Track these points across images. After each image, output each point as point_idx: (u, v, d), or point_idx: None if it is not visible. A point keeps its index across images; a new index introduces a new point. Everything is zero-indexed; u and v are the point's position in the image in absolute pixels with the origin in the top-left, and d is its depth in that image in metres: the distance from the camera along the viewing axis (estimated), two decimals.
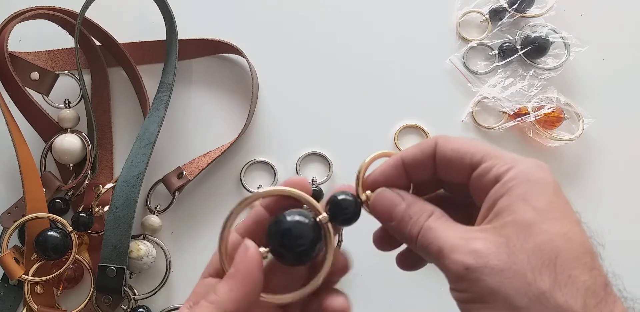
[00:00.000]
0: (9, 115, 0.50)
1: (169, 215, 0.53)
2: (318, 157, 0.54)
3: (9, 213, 0.50)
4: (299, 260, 0.28)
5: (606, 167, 0.54)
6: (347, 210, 0.28)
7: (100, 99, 0.55)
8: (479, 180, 0.27)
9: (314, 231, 0.27)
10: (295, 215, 0.27)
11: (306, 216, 0.28)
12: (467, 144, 0.27)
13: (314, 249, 0.27)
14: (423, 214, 0.27)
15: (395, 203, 0.28)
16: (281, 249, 0.27)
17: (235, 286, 0.26)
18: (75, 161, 0.52)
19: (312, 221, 0.28)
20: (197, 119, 0.55)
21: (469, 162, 0.27)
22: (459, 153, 0.27)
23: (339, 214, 0.28)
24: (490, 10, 0.58)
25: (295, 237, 0.27)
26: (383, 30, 0.58)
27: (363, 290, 0.50)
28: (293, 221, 0.27)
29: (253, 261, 0.27)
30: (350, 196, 0.28)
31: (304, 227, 0.27)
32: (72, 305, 0.50)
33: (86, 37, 0.53)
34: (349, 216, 0.28)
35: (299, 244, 0.27)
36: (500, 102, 0.55)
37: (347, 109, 0.56)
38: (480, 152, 0.27)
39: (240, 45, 0.54)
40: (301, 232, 0.27)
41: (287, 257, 0.27)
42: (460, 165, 0.27)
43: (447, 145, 0.28)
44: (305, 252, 0.27)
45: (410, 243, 0.27)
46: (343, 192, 0.28)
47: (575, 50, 0.56)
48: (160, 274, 0.51)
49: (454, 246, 0.25)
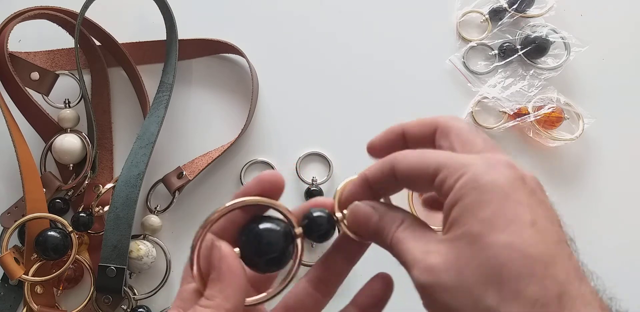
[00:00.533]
0: (9, 115, 0.50)
1: (169, 215, 0.53)
2: (318, 157, 0.54)
3: (9, 213, 0.50)
4: (269, 267, 0.28)
5: (606, 167, 0.54)
6: (322, 227, 0.28)
7: (100, 99, 0.55)
8: (439, 191, 0.26)
9: (286, 240, 0.28)
10: (267, 223, 0.28)
11: (278, 225, 0.28)
12: (421, 158, 0.27)
13: (285, 258, 0.28)
14: (394, 224, 0.27)
15: (368, 217, 0.28)
16: (252, 256, 0.27)
17: (225, 286, 0.26)
18: (75, 160, 0.52)
19: (283, 229, 0.28)
20: (197, 119, 0.55)
21: (426, 175, 0.26)
22: (414, 170, 0.27)
23: (314, 231, 0.28)
24: (490, 10, 0.58)
25: (266, 244, 0.27)
26: (383, 30, 0.58)
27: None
28: (265, 228, 0.27)
29: (232, 259, 0.27)
30: (325, 214, 0.29)
31: (275, 235, 0.27)
32: (72, 305, 0.50)
33: (86, 37, 0.53)
34: (323, 233, 0.28)
35: (270, 251, 0.27)
36: (500, 102, 0.55)
37: (347, 109, 0.56)
38: (433, 164, 0.26)
39: (240, 46, 0.54)
40: (272, 239, 0.27)
41: (259, 264, 0.28)
42: (419, 180, 0.27)
43: (403, 163, 0.27)
44: (276, 260, 0.28)
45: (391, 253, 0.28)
46: (319, 210, 0.29)
47: (575, 50, 0.56)
48: (160, 274, 0.51)
49: (414, 261, 0.25)
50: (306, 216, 0.29)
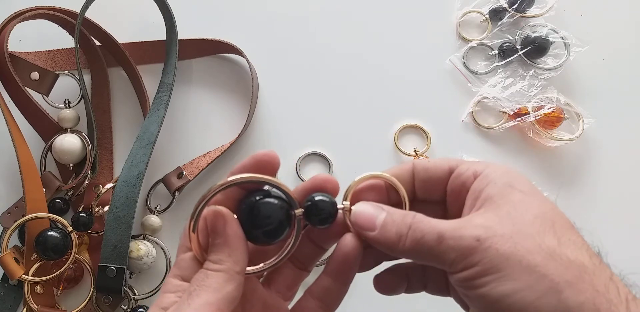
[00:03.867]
0: (9, 115, 0.50)
1: (169, 215, 0.53)
2: (318, 157, 0.54)
3: (9, 213, 0.50)
4: (267, 238, 0.29)
5: (606, 167, 0.54)
6: (323, 211, 0.29)
7: (100, 99, 0.55)
8: (457, 179, 0.29)
9: (283, 214, 0.29)
10: (266, 197, 0.29)
11: (276, 199, 0.29)
12: (440, 159, 0.31)
13: (281, 230, 0.29)
14: (408, 215, 0.28)
15: (376, 213, 0.29)
16: (250, 228, 0.28)
17: (232, 250, 0.27)
18: (75, 161, 0.52)
19: (280, 203, 0.29)
20: (197, 119, 0.55)
21: (447, 169, 0.30)
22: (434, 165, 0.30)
23: (314, 214, 0.29)
24: (490, 10, 0.58)
25: (264, 216, 0.28)
26: (383, 30, 0.58)
27: (363, 290, 0.50)
28: (263, 202, 0.29)
29: (237, 226, 0.28)
30: (328, 199, 0.29)
31: (273, 208, 0.28)
32: (72, 305, 0.50)
33: (86, 37, 0.53)
34: (323, 217, 0.29)
35: (268, 223, 0.28)
36: (500, 102, 0.55)
37: (347, 109, 0.56)
38: (454, 161, 0.30)
39: (240, 45, 0.54)
40: (270, 212, 0.28)
41: (257, 235, 0.29)
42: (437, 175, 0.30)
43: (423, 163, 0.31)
44: (272, 232, 0.29)
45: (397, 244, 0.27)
46: (323, 195, 0.29)
47: (575, 50, 0.56)
48: (160, 274, 0.51)
49: (456, 227, 0.26)
50: (309, 199, 0.29)
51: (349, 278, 0.30)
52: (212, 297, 0.26)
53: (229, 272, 0.27)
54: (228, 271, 0.27)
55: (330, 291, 0.30)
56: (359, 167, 0.54)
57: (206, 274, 0.27)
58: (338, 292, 0.31)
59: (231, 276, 0.27)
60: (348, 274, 0.30)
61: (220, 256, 0.27)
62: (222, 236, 0.28)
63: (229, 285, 0.27)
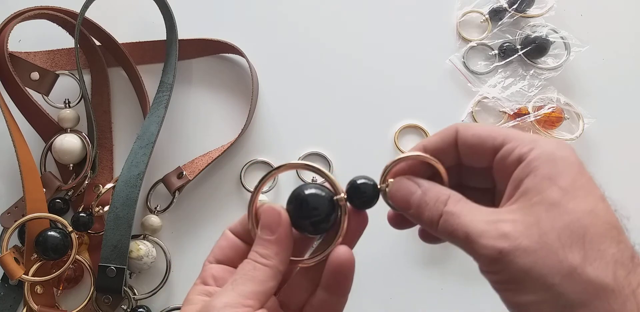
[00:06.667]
0: (9, 115, 0.50)
1: (169, 215, 0.53)
2: (318, 157, 0.54)
3: (9, 213, 0.50)
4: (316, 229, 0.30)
5: (606, 167, 0.54)
6: (365, 194, 0.29)
7: (100, 99, 0.55)
8: (502, 161, 0.27)
9: (329, 204, 0.29)
10: (312, 189, 0.30)
11: (322, 190, 0.30)
12: (487, 129, 0.28)
13: (329, 220, 0.29)
14: (440, 199, 0.28)
15: (411, 191, 0.29)
16: (299, 219, 0.29)
17: (281, 250, 0.29)
18: (75, 161, 0.52)
19: (327, 194, 0.30)
20: (197, 119, 0.55)
21: (491, 145, 0.28)
22: (480, 138, 0.28)
23: (357, 197, 0.30)
24: (490, 10, 0.58)
25: (312, 208, 0.29)
26: (383, 30, 0.58)
27: (363, 290, 0.50)
28: (310, 193, 0.29)
29: (289, 227, 0.29)
30: (370, 181, 0.30)
31: (320, 200, 0.29)
32: (72, 305, 0.50)
33: (86, 37, 0.53)
34: (366, 199, 0.30)
35: (315, 214, 0.29)
36: (500, 102, 0.55)
37: (347, 109, 0.56)
38: (501, 135, 0.28)
39: (240, 46, 0.54)
40: (317, 204, 0.29)
41: (307, 227, 0.30)
42: (482, 149, 0.28)
43: (468, 132, 0.29)
44: (321, 222, 0.29)
45: (432, 228, 0.28)
46: (364, 177, 0.30)
47: (575, 50, 0.56)
48: (160, 274, 0.51)
49: (483, 231, 0.25)
50: (350, 182, 0.30)
51: (345, 290, 0.30)
52: (257, 288, 0.27)
53: (274, 269, 0.28)
54: (274, 268, 0.28)
55: (329, 304, 0.30)
56: (359, 167, 0.54)
57: (254, 266, 0.28)
58: (337, 305, 0.31)
59: (275, 274, 0.28)
60: (344, 285, 0.30)
61: (269, 252, 0.28)
62: (274, 234, 0.29)
63: (272, 281, 0.28)
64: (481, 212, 0.26)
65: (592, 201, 0.25)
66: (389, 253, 0.52)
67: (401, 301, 0.51)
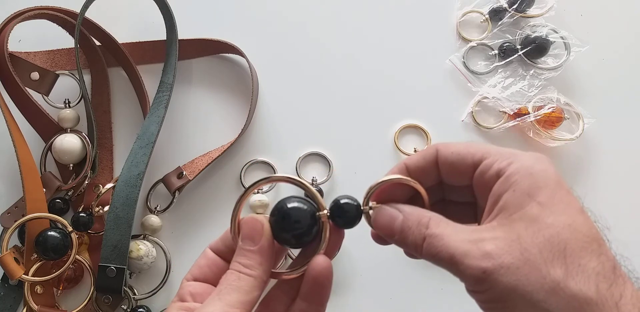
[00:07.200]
0: (9, 115, 0.50)
1: (169, 215, 0.53)
2: (318, 157, 0.54)
3: (9, 213, 0.50)
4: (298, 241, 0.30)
5: (606, 167, 0.54)
6: (348, 213, 0.30)
7: (100, 99, 0.55)
8: (481, 177, 0.28)
9: (312, 218, 0.30)
10: (294, 202, 0.30)
11: (305, 204, 0.30)
12: (466, 145, 0.29)
13: (311, 234, 0.30)
14: (421, 222, 0.28)
15: (393, 217, 0.29)
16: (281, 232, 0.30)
17: (264, 260, 0.29)
18: (75, 161, 0.52)
19: (310, 208, 0.30)
20: (197, 119, 0.55)
21: (471, 161, 0.28)
22: (459, 155, 0.28)
23: (339, 216, 0.30)
24: (490, 10, 0.58)
25: (294, 221, 0.29)
26: (383, 30, 0.58)
27: (363, 290, 0.50)
28: (293, 207, 0.30)
29: (271, 238, 0.29)
30: (354, 201, 0.30)
31: (302, 213, 0.30)
32: (72, 305, 0.50)
33: (86, 37, 0.53)
34: (348, 220, 0.30)
35: (297, 227, 0.29)
36: (500, 102, 0.55)
37: (347, 109, 0.56)
38: (480, 151, 0.28)
39: (240, 46, 0.54)
40: (299, 217, 0.30)
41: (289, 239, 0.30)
42: (462, 166, 0.28)
43: (448, 150, 0.29)
44: (302, 235, 0.30)
45: (417, 252, 0.28)
46: (348, 197, 0.30)
47: (575, 50, 0.56)
48: (160, 274, 0.51)
49: (466, 251, 0.25)
50: (334, 201, 0.30)
51: (324, 299, 0.30)
52: (243, 298, 0.28)
53: (258, 279, 0.29)
54: (257, 279, 0.29)
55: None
56: (359, 167, 0.54)
57: (238, 276, 0.28)
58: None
59: (260, 284, 0.29)
60: (322, 295, 0.30)
61: (252, 262, 0.29)
62: (257, 245, 0.29)
63: (256, 291, 0.29)
64: (463, 232, 0.26)
65: (571, 214, 0.25)
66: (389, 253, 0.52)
67: (401, 301, 0.51)
